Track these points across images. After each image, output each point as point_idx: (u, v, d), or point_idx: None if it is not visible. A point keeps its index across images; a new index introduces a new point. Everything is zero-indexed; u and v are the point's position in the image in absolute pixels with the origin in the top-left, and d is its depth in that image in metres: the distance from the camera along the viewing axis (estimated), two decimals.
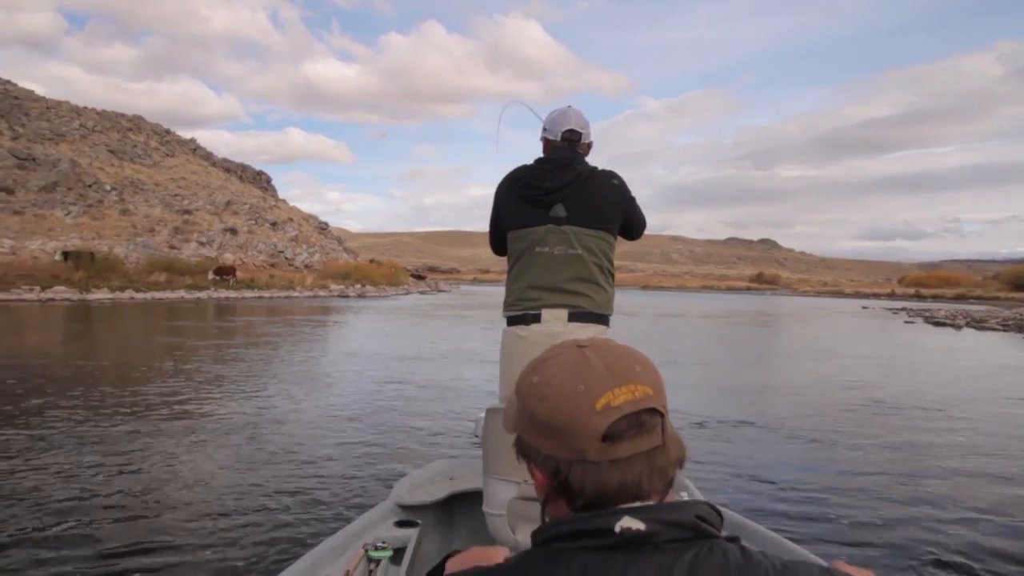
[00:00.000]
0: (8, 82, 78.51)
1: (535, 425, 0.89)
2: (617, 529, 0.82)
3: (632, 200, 2.75)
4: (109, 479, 6.02)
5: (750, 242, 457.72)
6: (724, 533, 0.89)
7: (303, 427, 8.50)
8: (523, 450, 0.93)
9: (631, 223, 2.78)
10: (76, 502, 5.36)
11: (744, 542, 0.88)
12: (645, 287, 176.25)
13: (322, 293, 54.38)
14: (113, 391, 10.67)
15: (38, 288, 37.34)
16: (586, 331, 2.53)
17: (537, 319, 2.58)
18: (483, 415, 2.58)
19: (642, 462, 0.86)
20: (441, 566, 2.73)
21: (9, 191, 54.56)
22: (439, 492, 3.16)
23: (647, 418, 0.86)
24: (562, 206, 2.58)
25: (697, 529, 0.84)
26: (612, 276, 2.72)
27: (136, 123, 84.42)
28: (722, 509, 0.93)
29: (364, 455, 7.19)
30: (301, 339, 21.74)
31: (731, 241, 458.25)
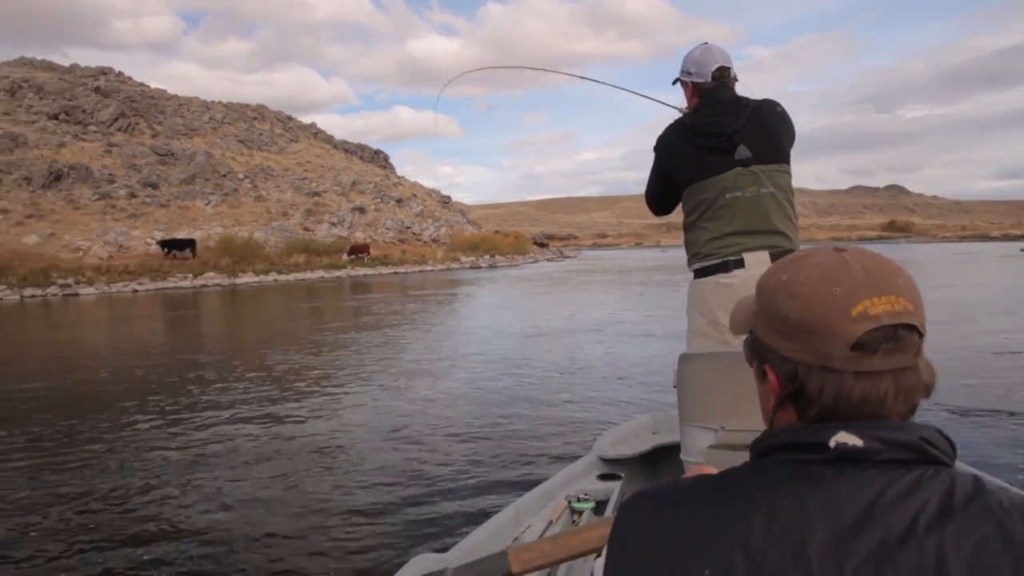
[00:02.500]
0: (143, 84, 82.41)
1: (779, 324, 0.83)
2: (832, 444, 0.77)
3: (793, 126, 2.67)
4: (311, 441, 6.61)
5: (876, 189, 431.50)
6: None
7: (512, 383, 8.97)
8: (757, 350, 0.88)
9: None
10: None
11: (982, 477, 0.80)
12: None
13: (454, 266, 54.10)
14: (301, 363, 10.64)
15: (191, 275, 38.47)
16: None
17: (740, 264, 2.51)
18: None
19: (889, 380, 0.78)
20: None
21: (154, 186, 56.92)
22: (642, 445, 3.15)
23: (904, 334, 0.78)
24: (744, 147, 2.50)
25: (923, 452, 0.77)
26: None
27: (260, 112, 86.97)
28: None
29: (565, 410, 7.40)
30: (467, 307, 21.13)
31: (855, 190, 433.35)
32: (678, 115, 2.86)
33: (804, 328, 0.80)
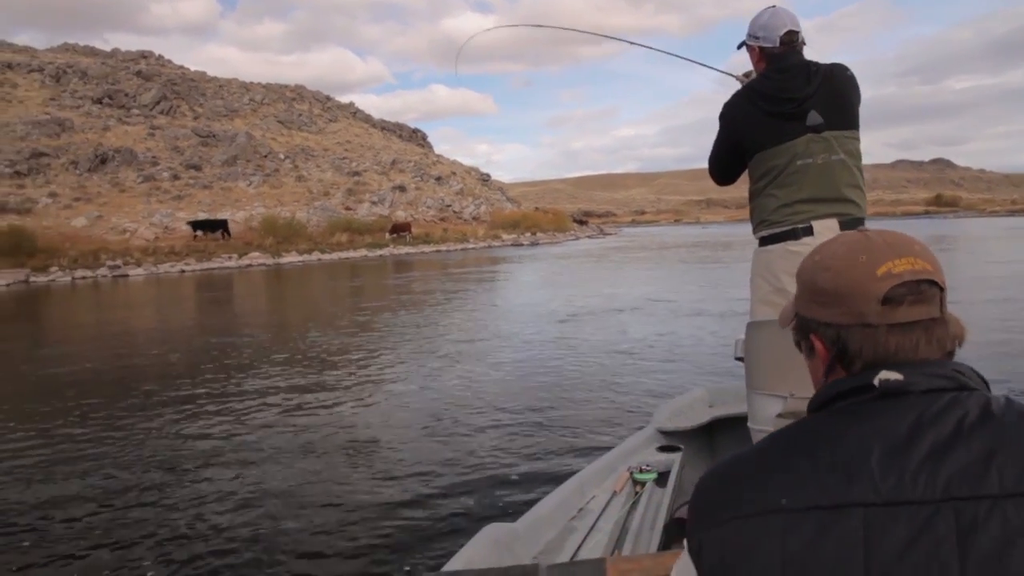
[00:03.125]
0: (183, 67, 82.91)
1: (817, 296, 0.95)
2: (876, 382, 0.87)
3: (859, 91, 2.60)
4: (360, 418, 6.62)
5: (920, 163, 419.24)
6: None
7: (564, 364, 8.82)
8: (803, 327, 0.98)
9: None
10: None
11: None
12: None
13: (495, 243, 53.61)
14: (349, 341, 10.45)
15: (235, 255, 38.54)
16: None
17: (809, 232, 2.48)
18: (741, 337, 2.60)
19: (920, 330, 0.89)
20: None
21: (197, 168, 57.24)
22: (700, 418, 3.15)
23: (926, 288, 0.90)
24: (816, 112, 2.46)
25: (957, 380, 0.88)
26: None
27: (299, 92, 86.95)
28: None
29: (618, 390, 7.32)
30: (511, 285, 20.68)
31: (899, 164, 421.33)
32: (734, 82, 2.87)
33: (839, 294, 0.92)
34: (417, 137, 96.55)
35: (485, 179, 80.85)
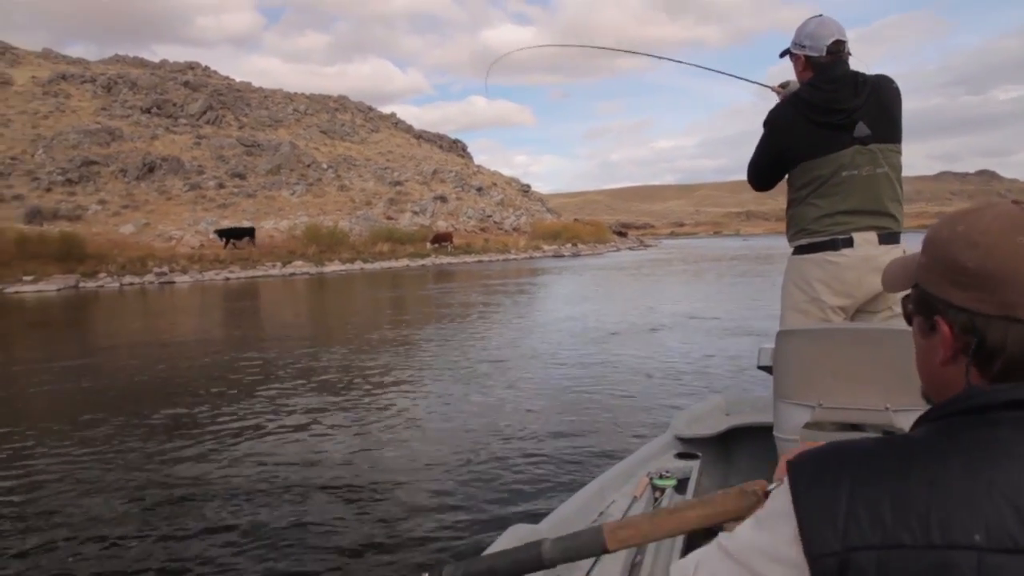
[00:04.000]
0: (228, 77, 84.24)
1: (954, 274, 0.80)
2: None
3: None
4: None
5: (965, 175, 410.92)
6: None
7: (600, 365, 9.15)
8: (925, 303, 0.85)
9: None
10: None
11: None
12: None
13: (536, 254, 53.19)
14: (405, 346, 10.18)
15: (280, 264, 38.64)
16: (894, 252, 2.45)
17: (849, 243, 2.49)
18: (766, 346, 2.62)
19: None
20: None
21: (241, 176, 57.82)
22: (717, 426, 3.15)
23: None
24: (864, 124, 2.46)
25: None
26: None
27: (342, 103, 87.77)
28: None
29: (639, 390, 7.53)
30: (556, 298, 20.23)
31: (943, 176, 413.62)
32: (772, 94, 2.91)
33: (985, 277, 0.77)
34: (457, 148, 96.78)
35: (525, 190, 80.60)
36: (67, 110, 61.68)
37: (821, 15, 2.63)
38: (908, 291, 0.90)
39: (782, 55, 2.74)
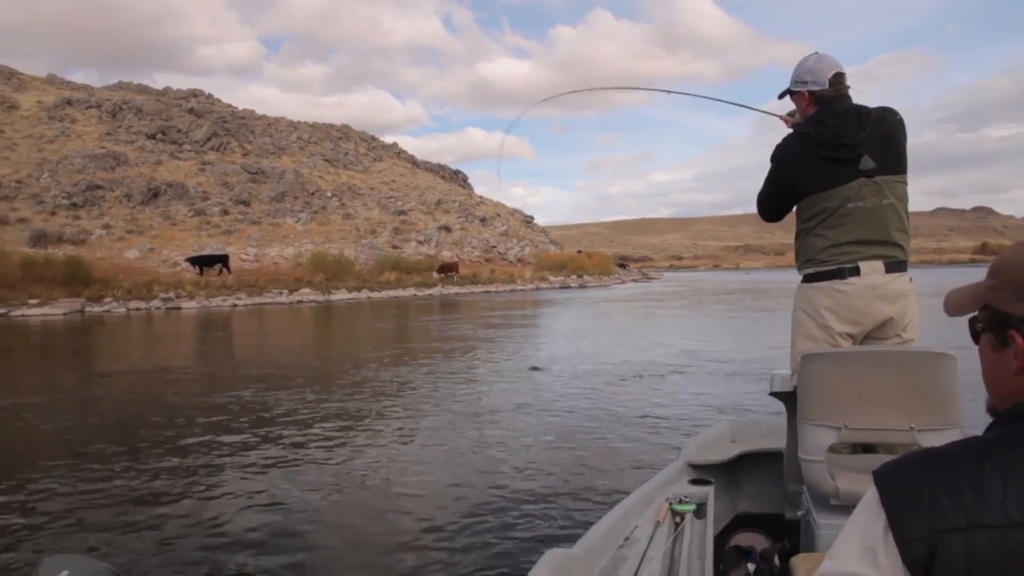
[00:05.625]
0: (231, 105, 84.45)
1: None
2: None
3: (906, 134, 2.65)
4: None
5: (961, 211, 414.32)
6: None
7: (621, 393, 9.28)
8: (995, 321, 0.92)
9: None
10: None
11: None
12: None
13: (543, 285, 52.82)
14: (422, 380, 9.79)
15: (286, 291, 38.19)
16: (900, 281, 2.55)
17: (856, 272, 2.55)
18: (779, 372, 2.80)
19: None
20: (728, 527, 2.95)
21: (246, 203, 57.61)
22: (726, 452, 3.20)
23: None
24: (868, 157, 2.51)
25: None
26: None
27: (345, 132, 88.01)
28: None
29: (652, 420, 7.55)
30: (562, 333, 19.81)
31: (939, 212, 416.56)
32: (777, 123, 2.98)
33: None
34: (459, 178, 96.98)
35: (529, 221, 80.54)
36: (72, 135, 61.62)
37: (817, 52, 2.69)
38: (972, 314, 0.97)
39: (781, 96, 2.80)
